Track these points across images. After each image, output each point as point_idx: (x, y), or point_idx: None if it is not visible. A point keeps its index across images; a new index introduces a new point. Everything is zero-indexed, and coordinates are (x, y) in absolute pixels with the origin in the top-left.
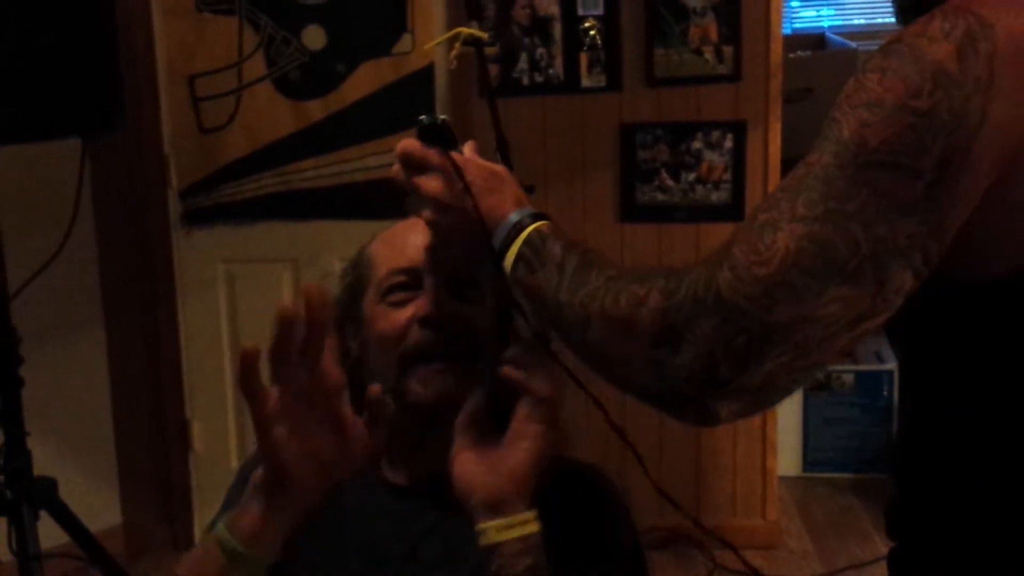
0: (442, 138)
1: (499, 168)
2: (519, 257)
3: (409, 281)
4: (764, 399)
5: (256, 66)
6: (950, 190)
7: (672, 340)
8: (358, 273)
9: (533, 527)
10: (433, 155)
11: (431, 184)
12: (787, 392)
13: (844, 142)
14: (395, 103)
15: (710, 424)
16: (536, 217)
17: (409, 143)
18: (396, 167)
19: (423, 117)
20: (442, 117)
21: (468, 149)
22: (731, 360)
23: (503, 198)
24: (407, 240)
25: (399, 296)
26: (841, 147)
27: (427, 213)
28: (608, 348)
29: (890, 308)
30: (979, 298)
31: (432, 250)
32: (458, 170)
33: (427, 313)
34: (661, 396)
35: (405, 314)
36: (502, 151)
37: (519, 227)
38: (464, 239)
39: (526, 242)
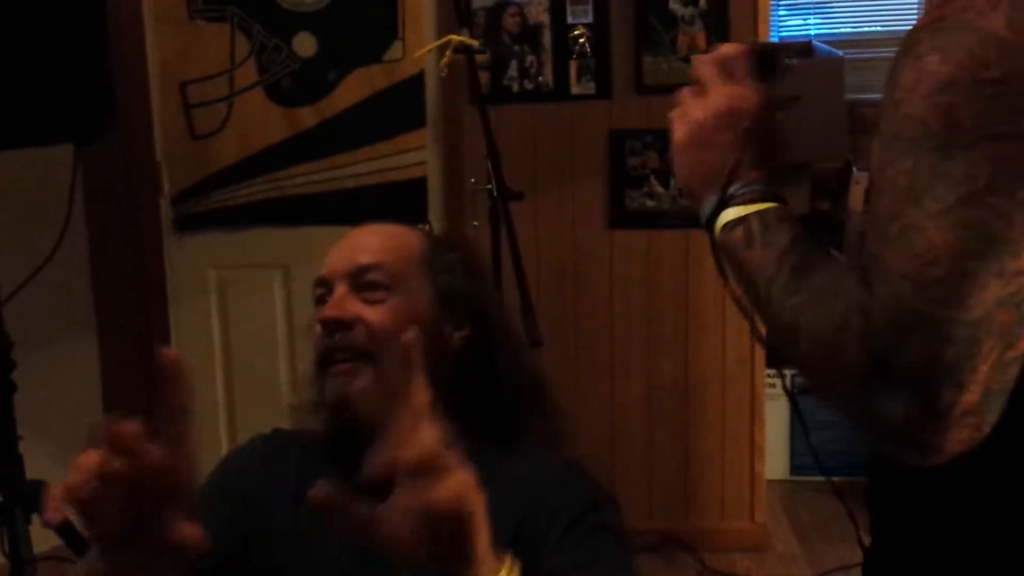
0: (768, 73)
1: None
2: (742, 221)
3: (324, 292)
4: (987, 414)
5: (248, 73)
6: None
7: (881, 374)
8: None
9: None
10: (750, 80)
11: (725, 98)
12: (1002, 399)
13: (937, 133)
14: (386, 110)
15: (935, 460)
16: (780, 198)
17: (741, 54)
18: (699, 59)
19: (765, 43)
20: (788, 61)
21: None
22: (948, 380)
23: (761, 165)
24: (337, 248)
25: (320, 309)
26: (938, 139)
27: (700, 113)
28: (818, 370)
29: None
30: None
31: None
32: (762, 112)
33: (323, 316)
34: (879, 436)
35: (319, 316)
36: (492, 159)
37: (762, 195)
38: (699, 162)
39: (760, 214)
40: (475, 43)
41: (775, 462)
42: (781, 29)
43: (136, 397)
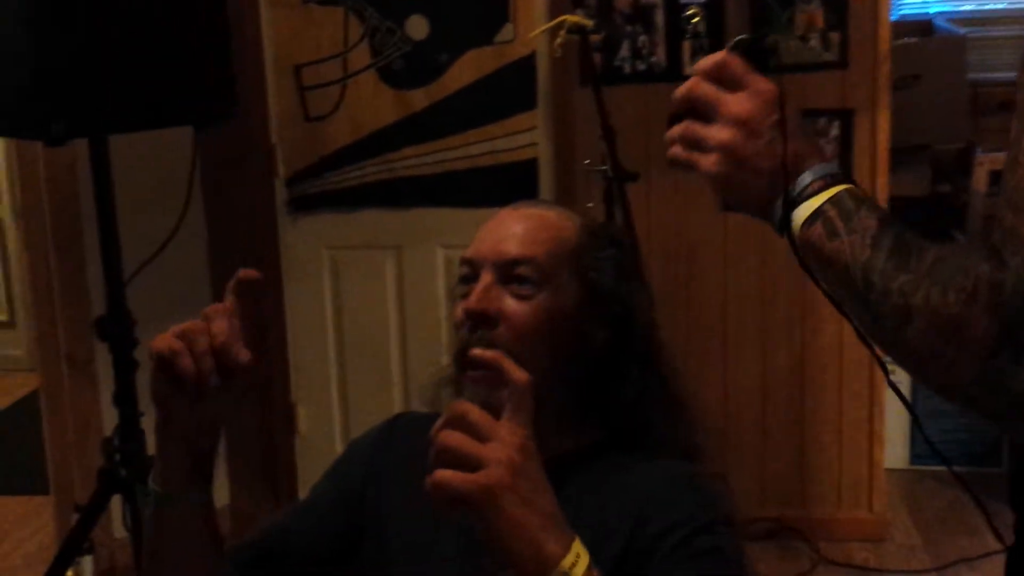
0: (762, 62)
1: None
2: (819, 214)
3: (470, 273)
4: None
5: (361, 56)
6: None
7: (1012, 347)
8: None
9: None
10: (755, 76)
11: (742, 105)
12: None
13: None
14: (497, 92)
15: None
16: (846, 178)
17: (731, 57)
18: (692, 81)
19: (743, 36)
20: (770, 37)
21: None
22: None
23: (812, 146)
24: (489, 228)
25: (463, 289)
26: None
27: (725, 133)
28: (933, 348)
29: None
30: None
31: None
32: (783, 98)
33: (468, 306)
34: (997, 412)
35: (463, 304)
36: (608, 139)
37: (827, 180)
38: (749, 176)
39: (833, 200)
40: (589, 23)
41: (895, 451)
42: (901, 7)
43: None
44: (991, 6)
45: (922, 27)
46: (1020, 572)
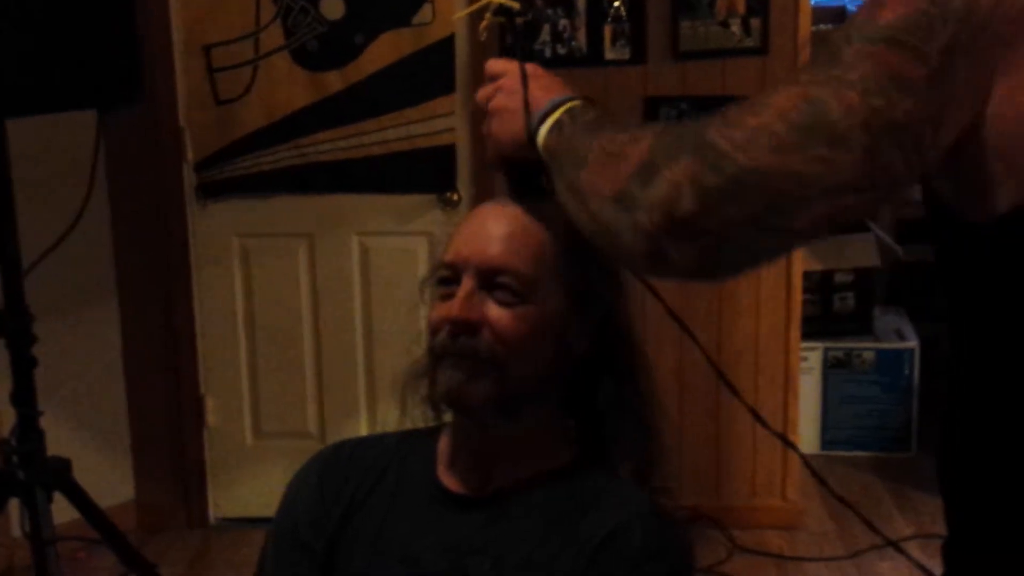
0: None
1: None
2: (556, 123)
3: (451, 276)
4: (722, 252)
5: (273, 36)
6: (952, 81)
7: (648, 173)
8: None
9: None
10: (507, 61)
11: (501, 80)
12: (749, 255)
13: (856, 22)
14: (414, 75)
15: (659, 272)
16: (585, 98)
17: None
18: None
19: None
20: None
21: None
22: (696, 195)
23: (558, 86)
24: (471, 230)
25: (443, 290)
26: (853, 27)
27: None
28: (593, 181)
29: (875, 188)
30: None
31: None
32: (522, 66)
33: (449, 315)
34: (618, 230)
35: (443, 310)
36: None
37: (565, 101)
38: (508, 118)
39: (568, 110)
40: (516, 5)
41: (806, 437)
42: None
43: (158, 366)
44: None
45: (836, 14)
46: (958, 562)
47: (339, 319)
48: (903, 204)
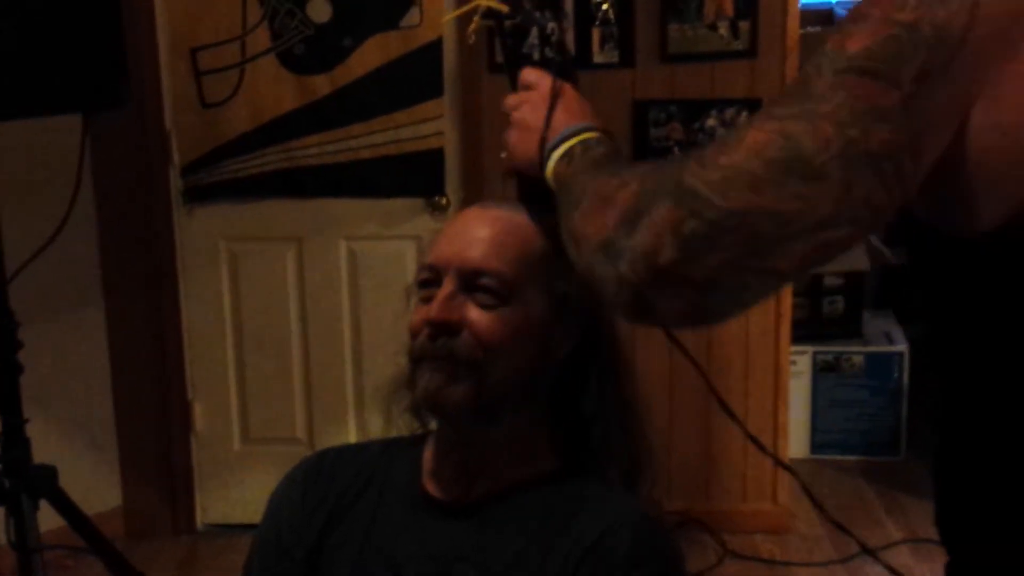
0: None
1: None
2: (567, 152)
3: (432, 278)
4: (708, 299)
5: (260, 39)
6: (927, 106)
7: (633, 221)
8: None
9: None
10: (541, 74)
11: (528, 92)
12: (735, 299)
13: (826, 53)
14: (402, 78)
15: (646, 320)
16: (603, 131)
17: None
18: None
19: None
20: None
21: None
22: (677, 244)
23: (583, 114)
24: (453, 232)
25: (424, 293)
26: (823, 57)
27: (512, 102)
28: (583, 225)
29: (856, 222)
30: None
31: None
32: (555, 85)
33: (429, 317)
34: (603, 278)
35: (423, 312)
36: None
37: (581, 131)
38: (526, 134)
39: (583, 141)
40: (504, 8)
41: (796, 441)
42: None
43: (145, 372)
44: None
45: (824, 16)
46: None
47: (327, 324)
48: None
